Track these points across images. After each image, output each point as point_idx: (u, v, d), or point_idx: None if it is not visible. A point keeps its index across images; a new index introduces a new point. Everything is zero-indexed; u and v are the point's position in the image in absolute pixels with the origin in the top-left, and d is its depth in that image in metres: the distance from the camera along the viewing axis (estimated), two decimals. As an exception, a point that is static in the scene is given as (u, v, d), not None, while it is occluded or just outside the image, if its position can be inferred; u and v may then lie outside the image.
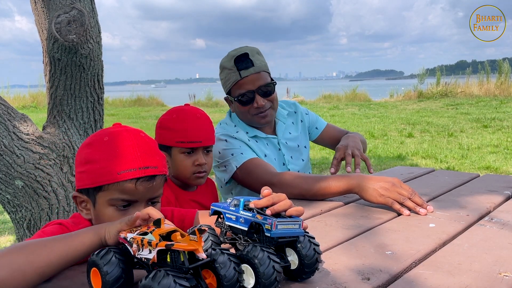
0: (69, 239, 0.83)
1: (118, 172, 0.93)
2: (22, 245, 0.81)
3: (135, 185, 0.94)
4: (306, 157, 1.97)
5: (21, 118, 2.24)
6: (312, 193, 1.44)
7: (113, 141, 0.96)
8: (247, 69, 1.72)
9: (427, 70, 14.85)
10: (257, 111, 1.77)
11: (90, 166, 0.96)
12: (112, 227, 0.81)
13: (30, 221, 2.26)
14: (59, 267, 0.80)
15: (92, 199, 0.99)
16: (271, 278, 0.71)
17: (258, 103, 1.74)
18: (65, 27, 2.08)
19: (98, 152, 0.96)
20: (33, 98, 14.42)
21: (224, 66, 1.78)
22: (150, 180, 0.95)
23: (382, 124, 8.87)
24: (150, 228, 0.72)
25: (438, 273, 0.86)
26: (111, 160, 0.94)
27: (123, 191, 0.94)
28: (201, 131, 1.47)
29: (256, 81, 1.74)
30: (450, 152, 5.95)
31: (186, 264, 0.67)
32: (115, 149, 0.94)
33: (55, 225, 1.01)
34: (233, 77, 1.74)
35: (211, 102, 15.11)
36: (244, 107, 1.77)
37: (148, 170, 0.95)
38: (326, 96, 15.01)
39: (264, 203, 0.83)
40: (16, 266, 0.77)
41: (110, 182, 0.94)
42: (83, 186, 0.99)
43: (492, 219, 1.21)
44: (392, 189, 1.29)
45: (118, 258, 0.73)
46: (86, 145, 1.00)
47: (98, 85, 2.37)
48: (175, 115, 1.49)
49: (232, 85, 1.76)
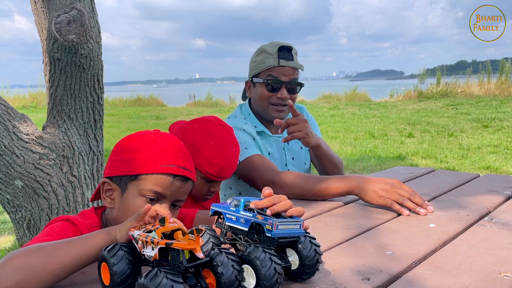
0: (83, 241, 0.84)
1: (160, 164, 1.00)
2: (38, 248, 0.82)
3: (171, 181, 1.00)
4: (308, 161, 1.97)
5: (21, 118, 2.24)
6: (312, 193, 1.44)
7: (159, 139, 1.04)
8: (287, 61, 1.78)
9: (427, 70, 14.85)
10: (278, 101, 1.79)
11: (134, 155, 1.02)
12: (123, 226, 0.83)
13: (30, 221, 2.26)
14: (73, 268, 0.81)
15: (123, 188, 1.03)
16: (272, 280, 0.71)
17: (283, 94, 1.78)
18: (65, 27, 2.08)
19: (144, 144, 1.03)
20: (33, 98, 14.42)
21: (265, 50, 1.81)
22: (185, 181, 1.03)
23: (382, 124, 8.88)
24: (155, 226, 0.74)
25: (438, 273, 0.86)
26: (156, 153, 1.01)
27: (159, 184, 1.00)
28: (232, 168, 1.43)
29: (289, 75, 1.79)
30: (450, 152, 5.95)
31: (184, 263, 0.67)
32: (161, 145, 1.03)
33: (62, 221, 1.03)
34: (270, 61, 1.78)
35: (211, 102, 15.10)
36: (268, 92, 1.79)
37: (185, 171, 1.03)
38: (326, 96, 15.01)
39: (264, 203, 0.83)
40: (32, 268, 0.78)
41: (151, 172, 0.99)
42: (119, 173, 1.03)
43: (492, 219, 1.21)
44: (391, 190, 1.29)
45: (124, 251, 0.74)
46: (131, 138, 1.07)
47: (98, 85, 2.37)
48: (214, 143, 1.38)
49: (265, 68, 1.79)
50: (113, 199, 1.05)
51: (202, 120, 1.45)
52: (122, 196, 1.03)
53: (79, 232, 1.01)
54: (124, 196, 1.02)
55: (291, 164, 1.90)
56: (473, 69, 14.56)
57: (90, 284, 0.83)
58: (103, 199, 1.07)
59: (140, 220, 0.81)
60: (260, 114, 1.87)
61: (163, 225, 0.72)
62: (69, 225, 1.01)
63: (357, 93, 14.52)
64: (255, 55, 1.86)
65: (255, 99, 1.85)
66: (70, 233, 0.99)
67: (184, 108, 14.54)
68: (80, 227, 1.02)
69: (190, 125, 1.45)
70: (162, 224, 0.73)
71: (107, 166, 1.08)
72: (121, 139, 1.09)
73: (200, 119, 1.47)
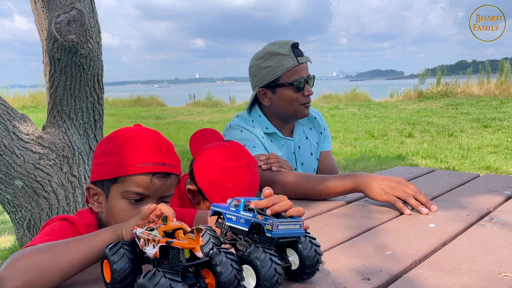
0: (89, 239, 0.84)
1: (136, 164, 0.97)
2: (45, 247, 0.82)
3: (151, 180, 0.98)
4: (316, 168, 1.94)
5: (21, 118, 2.24)
6: (316, 192, 1.44)
7: (134, 137, 1.01)
8: (302, 57, 1.74)
9: (427, 70, 14.85)
10: (306, 100, 1.77)
11: (109, 158, 1.00)
12: (129, 224, 0.83)
13: (30, 221, 2.26)
14: (81, 267, 0.81)
15: (106, 191, 1.02)
16: (273, 280, 0.71)
17: (309, 91, 1.76)
18: (65, 27, 2.08)
19: (119, 145, 1.00)
20: (33, 98, 14.42)
21: (276, 52, 1.73)
22: (165, 177, 1.00)
23: (382, 124, 8.87)
24: (157, 225, 0.74)
25: (438, 273, 0.86)
26: (131, 153, 0.98)
27: (138, 184, 0.98)
28: None
29: (307, 70, 1.77)
30: (450, 152, 5.95)
31: (183, 262, 0.68)
32: (135, 143, 0.99)
33: (60, 220, 1.03)
34: (290, 62, 1.72)
35: (211, 102, 15.10)
36: (296, 93, 1.75)
37: (164, 167, 0.99)
38: (326, 96, 15.01)
39: (264, 203, 0.83)
40: (41, 268, 0.78)
41: (128, 173, 0.97)
42: (99, 177, 1.02)
43: (492, 219, 1.21)
44: (397, 187, 1.30)
45: (125, 249, 0.75)
46: (107, 139, 1.05)
47: (98, 85, 2.37)
48: (231, 184, 1.25)
49: (287, 70, 1.72)
50: (100, 203, 1.04)
51: (224, 154, 1.28)
52: (106, 200, 1.02)
53: (78, 231, 1.01)
54: (108, 199, 1.01)
55: (301, 169, 1.87)
56: (473, 69, 14.56)
57: (90, 284, 0.83)
58: (91, 204, 1.06)
59: (144, 219, 0.81)
60: (284, 117, 1.81)
61: (166, 224, 0.73)
62: (67, 224, 1.02)
63: (357, 93, 14.52)
64: (264, 60, 1.76)
65: (281, 104, 1.77)
66: (70, 232, 0.99)
67: (184, 108, 14.55)
68: (78, 226, 1.02)
69: (211, 157, 1.28)
70: (164, 222, 0.73)
71: (91, 170, 1.07)
72: (100, 141, 1.07)
73: (222, 152, 1.29)
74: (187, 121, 10.67)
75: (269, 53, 1.75)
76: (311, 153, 1.91)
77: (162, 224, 0.73)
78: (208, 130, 1.47)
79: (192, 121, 10.74)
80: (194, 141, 1.40)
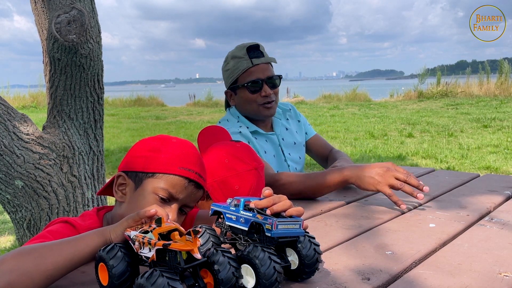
0: (75, 242, 0.83)
1: (179, 166, 1.03)
2: (30, 249, 0.82)
3: (186, 184, 1.03)
4: (302, 155, 2.00)
5: (21, 118, 2.24)
6: (311, 191, 1.45)
7: (181, 144, 1.08)
8: (259, 58, 1.79)
9: (427, 70, 14.85)
10: (264, 100, 1.80)
11: (156, 154, 1.05)
12: (118, 227, 0.82)
13: (30, 221, 2.26)
14: (65, 270, 0.81)
15: (138, 183, 1.04)
16: (272, 279, 0.71)
17: (266, 91, 1.79)
18: (65, 27, 2.08)
19: (165, 146, 1.06)
20: (33, 98, 14.43)
21: (234, 56, 1.83)
22: (198, 188, 1.05)
23: (382, 124, 8.87)
24: (151, 227, 0.73)
25: (438, 273, 0.86)
26: (176, 155, 1.04)
27: (174, 185, 1.02)
28: None
29: (265, 71, 1.80)
30: (450, 152, 5.95)
31: (182, 264, 0.68)
32: (182, 150, 1.06)
33: (61, 223, 1.03)
34: (244, 65, 1.79)
35: (211, 102, 15.11)
36: (252, 94, 1.80)
37: (201, 179, 1.05)
38: (326, 96, 15.02)
39: (264, 203, 0.83)
40: (24, 269, 0.77)
41: (169, 172, 1.02)
42: (136, 169, 1.05)
43: (492, 219, 1.21)
44: (387, 174, 1.31)
45: (123, 252, 0.74)
46: (153, 139, 1.10)
47: (98, 85, 2.37)
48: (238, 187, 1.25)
49: (241, 73, 1.80)
50: (125, 194, 1.06)
51: (233, 155, 1.27)
52: (134, 191, 1.04)
53: (77, 234, 1.01)
54: (137, 191, 1.04)
55: (290, 159, 1.91)
56: (473, 69, 14.56)
57: (90, 284, 0.83)
58: (115, 192, 1.08)
59: (138, 220, 0.81)
60: (250, 117, 1.88)
61: (160, 226, 0.72)
62: (67, 227, 1.01)
63: (357, 93, 14.52)
64: (225, 64, 1.87)
65: (241, 105, 1.86)
66: (69, 235, 0.99)
67: (184, 108, 14.55)
68: (79, 228, 1.02)
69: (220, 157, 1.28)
70: (158, 224, 0.73)
71: (124, 161, 1.10)
72: (143, 139, 1.12)
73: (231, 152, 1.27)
74: (187, 121, 10.67)
75: (229, 57, 1.85)
76: (294, 142, 1.96)
77: (156, 225, 0.72)
78: (217, 128, 1.47)
79: (192, 121, 10.75)
80: (203, 138, 1.39)
